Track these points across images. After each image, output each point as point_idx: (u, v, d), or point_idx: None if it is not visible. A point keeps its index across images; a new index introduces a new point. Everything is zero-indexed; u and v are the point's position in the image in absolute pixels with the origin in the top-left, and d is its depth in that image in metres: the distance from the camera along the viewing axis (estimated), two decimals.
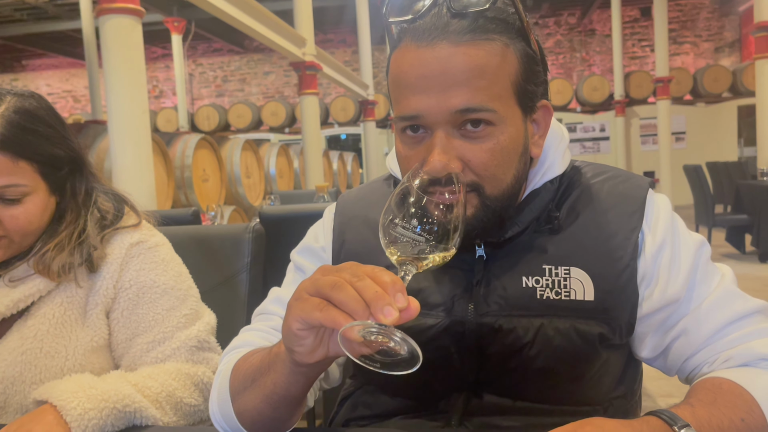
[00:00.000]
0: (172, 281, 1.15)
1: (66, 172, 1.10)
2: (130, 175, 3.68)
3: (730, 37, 14.70)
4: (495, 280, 0.92)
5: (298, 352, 0.73)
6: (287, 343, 0.74)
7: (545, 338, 0.89)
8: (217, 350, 1.16)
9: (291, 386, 0.79)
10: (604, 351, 0.91)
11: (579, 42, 15.08)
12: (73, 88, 17.09)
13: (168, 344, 1.11)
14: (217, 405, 0.90)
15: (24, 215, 1.03)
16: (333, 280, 0.67)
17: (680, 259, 0.92)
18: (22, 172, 1.02)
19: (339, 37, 15.92)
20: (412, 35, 0.84)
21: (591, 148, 13.80)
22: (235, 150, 6.54)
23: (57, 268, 1.04)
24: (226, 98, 16.42)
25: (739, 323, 0.89)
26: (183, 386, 1.07)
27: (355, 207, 1.05)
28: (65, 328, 1.06)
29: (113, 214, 1.15)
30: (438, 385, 0.94)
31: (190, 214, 2.43)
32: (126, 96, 3.67)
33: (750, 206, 6.77)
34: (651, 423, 0.71)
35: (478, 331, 0.90)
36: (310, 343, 0.72)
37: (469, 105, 0.81)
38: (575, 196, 0.95)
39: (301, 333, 0.70)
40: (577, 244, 0.91)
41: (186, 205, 5.57)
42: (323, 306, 0.66)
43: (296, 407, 0.85)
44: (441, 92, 0.81)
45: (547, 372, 0.90)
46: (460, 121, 0.82)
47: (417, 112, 0.83)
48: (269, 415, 0.84)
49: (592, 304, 0.89)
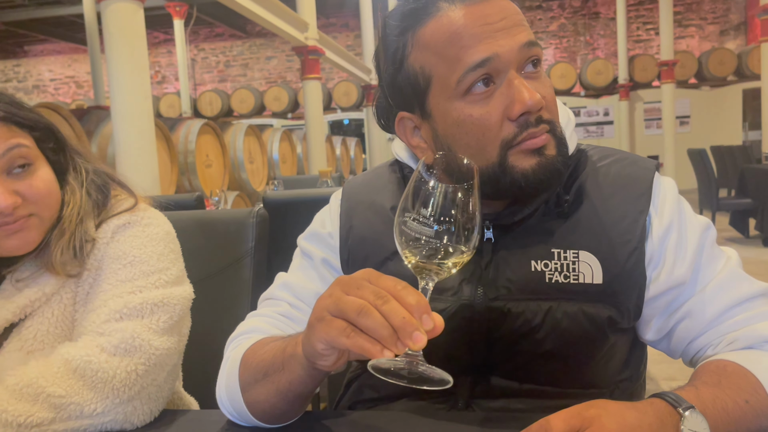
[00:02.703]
0: (145, 256, 1.03)
1: (53, 146, 1.07)
2: (134, 161, 3.68)
3: (736, 20, 14.57)
4: (503, 263, 0.92)
5: (321, 364, 0.73)
6: (309, 357, 0.74)
7: (554, 321, 0.89)
8: (146, 351, 0.95)
9: (308, 384, 0.80)
10: (612, 334, 0.92)
11: (583, 25, 14.97)
12: (76, 73, 17.06)
13: (100, 311, 0.98)
14: (225, 393, 0.90)
15: (42, 182, 1.01)
16: (358, 304, 0.65)
17: (686, 242, 0.92)
18: (19, 135, 0.99)
19: (341, 21, 15.83)
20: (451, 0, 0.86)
21: (595, 132, 13.74)
22: (238, 135, 6.53)
23: (59, 258, 1.00)
24: (228, 83, 16.37)
25: (743, 306, 0.90)
26: (51, 373, 0.90)
27: (361, 192, 1.05)
28: (65, 326, 1.02)
29: (103, 197, 1.10)
30: (446, 368, 0.94)
31: (194, 200, 2.44)
32: (128, 81, 3.66)
33: (754, 190, 6.75)
34: (655, 405, 0.72)
35: (487, 315, 0.91)
36: (334, 358, 0.72)
37: (530, 38, 0.86)
38: (582, 179, 0.96)
39: (325, 352, 0.71)
40: (585, 227, 0.92)
41: (189, 190, 5.57)
42: (350, 332, 0.65)
43: (309, 398, 0.86)
44: (507, 33, 0.85)
45: (555, 355, 0.90)
46: (525, 58, 0.86)
47: (492, 53, 0.83)
48: (282, 408, 0.85)
49: (600, 287, 0.90)
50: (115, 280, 1.01)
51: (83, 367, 0.91)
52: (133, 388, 0.92)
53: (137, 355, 0.94)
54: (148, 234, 1.06)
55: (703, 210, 7.48)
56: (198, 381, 1.31)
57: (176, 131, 5.58)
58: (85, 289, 1.03)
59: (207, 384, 1.29)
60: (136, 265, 1.02)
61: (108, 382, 0.91)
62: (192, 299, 1.09)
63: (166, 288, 1.02)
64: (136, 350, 0.94)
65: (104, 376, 0.91)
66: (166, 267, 1.05)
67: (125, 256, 1.03)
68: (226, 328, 1.15)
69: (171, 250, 1.09)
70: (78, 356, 0.91)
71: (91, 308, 1.00)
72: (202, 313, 1.19)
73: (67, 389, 0.89)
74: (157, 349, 0.96)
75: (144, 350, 0.95)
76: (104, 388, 0.90)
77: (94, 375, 0.90)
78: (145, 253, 1.04)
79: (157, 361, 0.96)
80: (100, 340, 0.94)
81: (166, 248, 1.07)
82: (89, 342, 0.94)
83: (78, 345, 0.94)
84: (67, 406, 0.88)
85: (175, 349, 1.00)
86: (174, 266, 1.07)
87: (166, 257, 1.06)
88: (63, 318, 1.02)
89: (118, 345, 0.93)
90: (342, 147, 10.59)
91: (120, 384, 0.91)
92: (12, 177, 0.99)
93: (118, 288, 1.00)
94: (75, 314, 1.03)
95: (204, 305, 1.20)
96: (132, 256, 1.03)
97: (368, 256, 0.99)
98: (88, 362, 0.91)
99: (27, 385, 0.87)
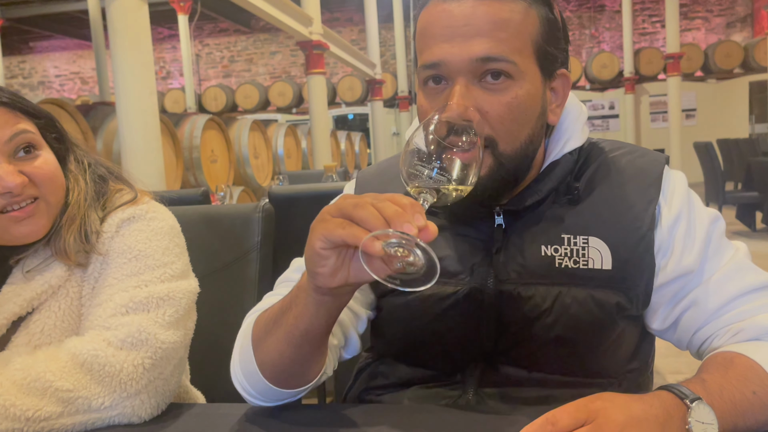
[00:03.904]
0: (150, 250, 1.04)
1: (56, 136, 1.08)
2: (139, 157, 3.69)
3: (742, 12, 14.49)
4: (514, 248, 0.93)
5: (320, 273, 0.74)
6: (310, 266, 0.75)
7: (563, 306, 0.90)
8: (152, 345, 0.95)
9: (313, 319, 0.80)
10: (620, 321, 0.92)
11: (588, 18, 14.92)
12: (81, 69, 17.09)
13: (106, 305, 0.99)
14: (238, 362, 0.91)
15: (46, 165, 1.02)
16: (355, 200, 0.70)
17: (695, 232, 0.92)
18: (23, 121, 1.01)
19: (345, 15, 15.80)
20: None
21: (600, 125, 13.70)
22: (243, 131, 6.53)
23: (71, 245, 1.01)
24: (233, 79, 16.38)
25: (749, 296, 0.90)
26: (58, 368, 0.90)
27: (374, 181, 1.08)
28: (72, 320, 1.03)
29: (103, 187, 1.11)
30: (457, 353, 0.96)
31: (200, 195, 2.44)
32: (133, 77, 3.66)
33: (761, 183, 6.73)
34: (662, 397, 0.72)
35: (497, 299, 0.92)
36: (332, 264, 0.73)
37: (490, 54, 0.84)
38: (593, 168, 0.97)
39: (324, 252, 0.72)
40: (595, 214, 0.93)
41: (195, 185, 5.59)
42: (345, 224, 0.69)
43: (317, 349, 0.86)
44: (463, 41, 0.84)
45: (564, 341, 0.91)
46: (480, 71, 0.85)
47: (439, 59, 0.86)
48: (290, 356, 0.85)
49: (609, 273, 0.90)
50: (120, 274, 1.01)
51: (90, 362, 0.91)
52: (140, 382, 0.92)
53: (144, 349, 0.94)
54: (153, 228, 1.07)
55: (710, 203, 7.45)
56: (204, 375, 1.31)
57: (181, 127, 5.58)
58: (90, 284, 1.03)
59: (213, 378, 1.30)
60: (141, 259, 1.03)
61: (115, 376, 0.91)
62: (197, 293, 1.09)
63: (171, 282, 1.03)
64: (142, 344, 0.94)
65: (111, 370, 0.91)
66: (172, 261, 1.05)
67: (130, 250, 1.03)
68: (232, 323, 1.15)
69: (176, 244, 1.09)
70: (85, 350, 0.91)
71: (97, 302, 1.01)
72: (209, 308, 1.20)
73: (74, 383, 0.89)
74: (163, 343, 0.96)
75: (150, 344, 0.95)
76: (111, 382, 0.91)
77: (102, 369, 0.91)
78: (150, 247, 1.04)
79: (164, 355, 0.96)
80: (106, 334, 0.95)
81: (171, 242, 1.07)
82: (96, 336, 0.95)
83: (85, 339, 0.94)
84: (75, 401, 0.88)
85: (181, 342, 1.01)
86: (179, 260, 1.07)
87: (171, 251, 1.06)
88: (69, 312, 1.02)
89: (125, 339, 0.94)
90: (347, 142, 10.59)
91: (127, 378, 0.92)
92: (18, 159, 1.00)
93: (123, 282, 1.00)
94: (81, 308, 1.03)
95: (210, 300, 1.20)
96: (137, 250, 1.03)
97: None
98: (95, 356, 0.91)
99: (35, 379, 0.88)
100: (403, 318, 0.99)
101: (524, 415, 0.74)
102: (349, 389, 1.09)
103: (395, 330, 1.02)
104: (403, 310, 0.98)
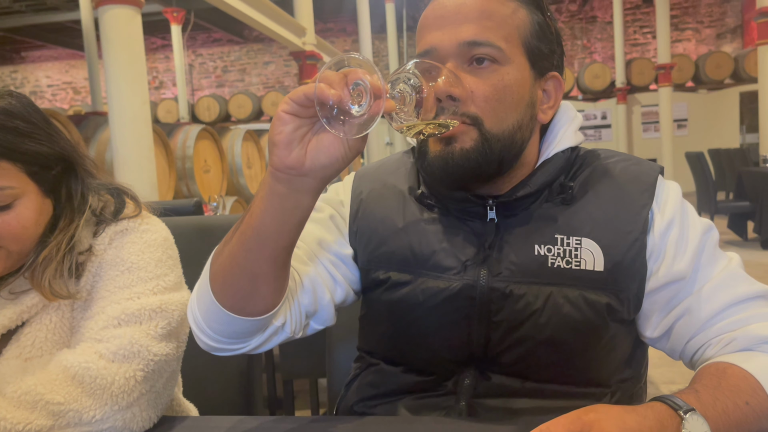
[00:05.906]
0: (143, 262, 1.02)
1: (58, 171, 1.03)
2: (132, 167, 3.68)
3: (732, 23, 14.62)
4: (507, 246, 0.94)
5: (277, 143, 0.74)
6: (270, 136, 0.75)
7: (555, 306, 0.90)
8: (144, 357, 0.94)
9: (265, 215, 0.80)
10: (612, 324, 0.92)
11: (580, 29, 15.02)
12: (73, 79, 17.06)
13: (98, 318, 0.98)
14: (195, 292, 0.91)
15: (16, 221, 0.97)
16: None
17: (687, 239, 0.93)
18: (7, 173, 0.95)
19: (339, 26, 15.86)
20: None
21: (593, 135, 13.76)
22: (236, 140, 6.53)
23: (48, 284, 0.98)
24: (226, 89, 16.38)
25: (741, 306, 0.90)
26: (49, 381, 0.89)
27: (372, 174, 1.09)
28: (63, 333, 1.01)
29: (114, 209, 1.08)
30: (447, 353, 0.95)
31: (192, 205, 2.44)
32: (126, 87, 3.66)
33: (752, 193, 6.76)
34: (656, 408, 0.72)
35: (489, 296, 0.92)
36: (289, 131, 0.74)
37: (476, 38, 0.89)
38: (588, 171, 0.98)
39: (285, 117, 0.73)
40: (589, 216, 0.94)
41: (188, 196, 5.57)
42: (311, 84, 0.72)
43: (269, 261, 0.83)
44: (453, 28, 0.90)
45: (556, 343, 0.91)
46: (468, 55, 0.90)
47: (431, 46, 0.91)
48: (241, 262, 0.83)
49: (601, 275, 0.91)
50: (113, 286, 1.00)
51: (81, 374, 0.90)
52: (131, 395, 0.92)
53: (135, 362, 0.93)
54: (145, 240, 1.06)
55: (702, 213, 7.45)
56: (197, 388, 1.31)
57: (174, 137, 5.58)
58: (82, 296, 1.03)
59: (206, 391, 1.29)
60: (134, 271, 1.02)
61: (107, 389, 0.90)
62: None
63: (164, 294, 1.02)
64: (134, 356, 0.94)
65: (103, 383, 0.90)
66: (164, 273, 1.04)
67: (123, 262, 1.02)
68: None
69: (169, 256, 1.08)
70: (76, 363, 0.91)
71: (89, 315, 1.00)
72: None
73: (65, 396, 0.88)
74: (155, 355, 0.95)
75: (142, 356, 0.94)
76: (103, 394, 0.90)
77: (93, 382, 0.90)
78: (143, 259, 1.03)
79: (156, 368, 0.95)
80: (98, 346, 0.94)
81: (164, 254, 1.07)
82: (87, 349, 0.94)
83: (76, 352, 0.93)
84: (66, 413, 0.87)
85: (174, 355, 1.00)
86: (172, 272, 1.06)
87: (164, 263, 1.05)
88: (61, 325, 1.01)
89: (117, 351, 0.93)
90: None
91: (118, 390, 0.91)
92: None
93: (116, 294, 1.00)
94: (73, 321, 1.02)
95: None
96: (130, 262, 1.02)
97: (376, 228, 1.02)
98: (87, 369, 0.90)
99: (25, 392, 0.87)
100: (391, 313, 0.98)
101: (518, 427, 0.73)
102: (340, 401, 1.08)
103: (384, 328, 1.02)
104: (392, 306, 0.98)
